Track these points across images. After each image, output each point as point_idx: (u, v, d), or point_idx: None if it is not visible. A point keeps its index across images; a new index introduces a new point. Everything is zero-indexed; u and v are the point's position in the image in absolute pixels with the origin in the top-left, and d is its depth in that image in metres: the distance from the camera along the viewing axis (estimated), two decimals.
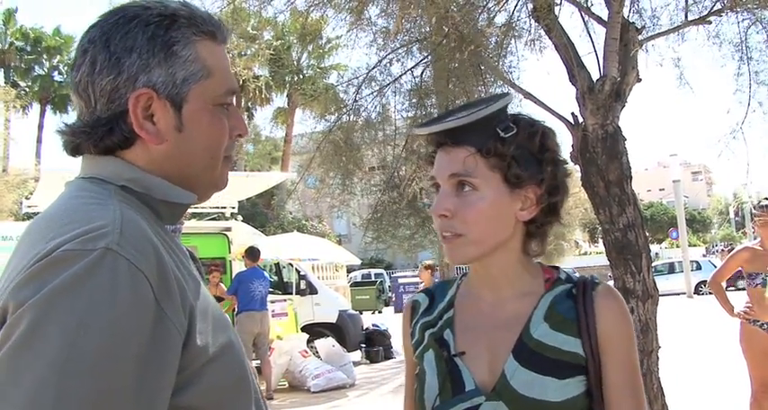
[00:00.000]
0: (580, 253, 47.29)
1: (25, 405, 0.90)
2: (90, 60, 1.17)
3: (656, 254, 47.87)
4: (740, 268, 5.88)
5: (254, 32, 9.16)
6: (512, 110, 1.61)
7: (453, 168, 1.49)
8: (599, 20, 5.58)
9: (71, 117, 1.23)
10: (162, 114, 1.18)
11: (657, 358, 4.83)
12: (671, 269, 32.10)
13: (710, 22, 5.94)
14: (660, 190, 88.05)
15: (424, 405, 1.53)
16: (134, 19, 1.18)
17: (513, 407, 1.44)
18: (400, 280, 32.69)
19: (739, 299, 5.93)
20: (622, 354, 1.48)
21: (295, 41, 29.33)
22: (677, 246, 38.98)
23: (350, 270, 31.51)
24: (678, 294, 28.06)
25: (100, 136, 1.18)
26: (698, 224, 74.35)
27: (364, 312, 21.93)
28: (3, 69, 39.87)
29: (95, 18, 1.24)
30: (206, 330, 1.10)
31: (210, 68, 1.22)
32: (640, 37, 5.51)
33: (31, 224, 1.14)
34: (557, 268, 1.62)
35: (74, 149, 1.23)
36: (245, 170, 32.64)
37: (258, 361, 10.91)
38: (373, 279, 37.22)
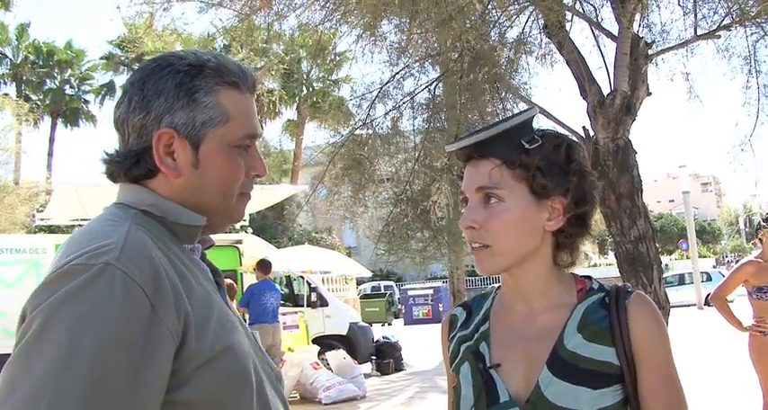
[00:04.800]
0: (590, 264, 47.04)
1: (34, 390, 1.08)
2: (127, 100, 1.36)
3: (666, 265, 47.62)
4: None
5: (265, 45, 9.25)
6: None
7: (480, 182, 1.53)
8: (609, 35, 5.65)
9: (82, 130, 1.39)
10: (181, 152, 1.35)
11: None
12: (681, 280, 31.87)
13: (720, 37, 6.01)
14: (670, 201, 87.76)
15: None
16: (168, 66, 1.36)
17: None
18: (410, 293, 32.63)
19: (742, 311, 5.92)
20: (657, 361, 1.50)
21: (305, 54, 29.47)
22: (687, 258, 38.78)
23: (359, 282, 31.48)
24: (688, 306, 27.89)
25: (129, 166, 1.37)
26: (708, 235, 73.98)
27: (374, 324, 21.90)
28: (15, 83, 40.14)
29: (141, 64, 1.45)
30: (204, 335, 1.24)
31: (229, 114, 1.38)
32: (650, 51, 5.57)
33: (66, 241, 1.31)
34: (589, 278, 1.64)
35: (110, 176, 1.42)
36: (255, 182, 32.67)
37: None
38: (383, 291, 37.11)
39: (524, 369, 1.53)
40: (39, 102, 39.68)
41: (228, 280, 10.25)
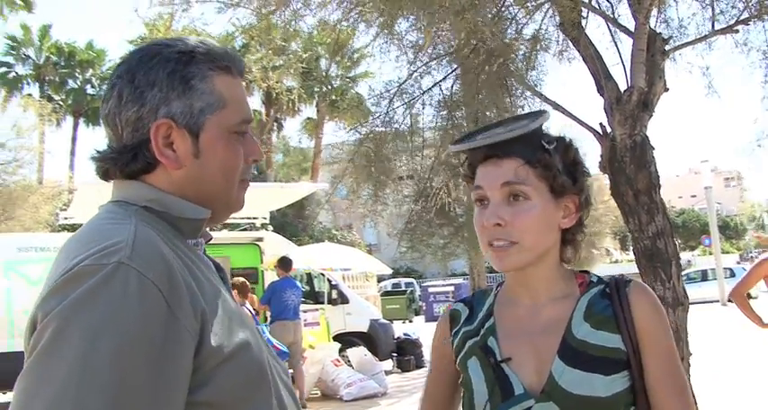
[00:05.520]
0: (611, 260, 46.82)
1: (52, 401, 1.03)
2: (117, 94, 1.30)
3: (689, 261, 47.23)
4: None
5: (283, 44, 9.29)
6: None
7: (506, 177, 1.56)
8: (626, 31, 5.64)
9: (103, 130, 1.37)
10: (180, 142, 1.30)
11: (689, 365, 4.85)
12: (704, 276, 31.65)
13: (738, 31, 5.97)
14: (692, 196, 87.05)
15: None
16: (156, 56, 1.31)
17: (563, 406, 1.50)
18: (431, 290, 32.55)
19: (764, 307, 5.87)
20: (660, 344, 1.55)
21: (323, 52, 29.55)
22: (710, 254, 38.46)
23: (380, 279, 31.49)
24: (711, 302, 27.68)
25: (126, 162, 1.31)
26: (731, 231, 73.33)
27: (394, 321, 21.92)
28: (38, 83, 40.54)
29: (124, 56, 1.40)
30: (221, 332, 1.20)
31: (226, 100, 1.34)
32: (667, 47, 5.55)
33: (64, 244, 1.27)
34: (587, 272, 1.69)
35: (104, 174, 1.36)
36: (275, 180, 32.89)
37: (291, 370, 11.00)
38: (403, 288, 37.09)
39: (534, 361, 1.56)
40: (61, 102, 40.01)
41: (241, 278, 10.33)
